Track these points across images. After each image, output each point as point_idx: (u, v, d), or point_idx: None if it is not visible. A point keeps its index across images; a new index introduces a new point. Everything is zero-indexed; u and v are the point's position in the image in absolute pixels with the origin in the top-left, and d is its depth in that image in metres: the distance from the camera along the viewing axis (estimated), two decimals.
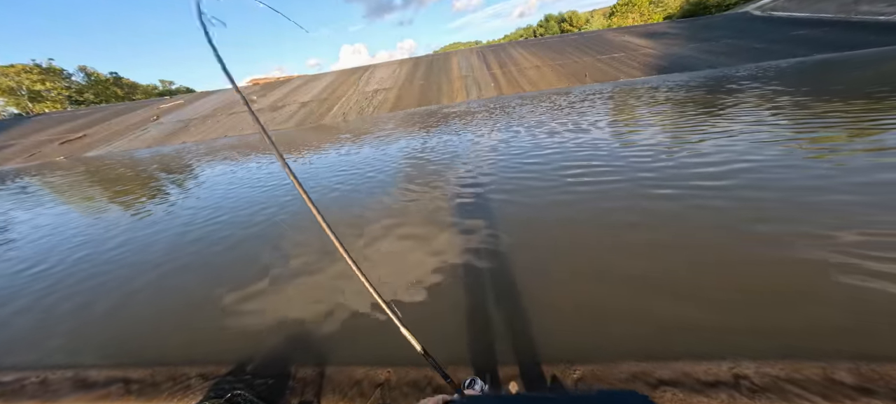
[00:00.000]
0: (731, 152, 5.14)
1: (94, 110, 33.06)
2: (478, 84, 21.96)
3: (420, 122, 13.41)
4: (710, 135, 6.20)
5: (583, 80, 18.95)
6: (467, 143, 8.50)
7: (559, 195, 4.51)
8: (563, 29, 70.71)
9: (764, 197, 3.71)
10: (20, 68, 46.57)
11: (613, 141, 6.77)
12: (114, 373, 2.48)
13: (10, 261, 4.86)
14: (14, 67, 46.28)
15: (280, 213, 5.30)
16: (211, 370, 2.33)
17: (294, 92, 27.88)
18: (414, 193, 5.38)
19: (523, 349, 2.21)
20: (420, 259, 3.42)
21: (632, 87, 14.65)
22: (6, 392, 2.45)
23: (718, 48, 20.68)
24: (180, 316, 3.05)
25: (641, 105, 10.25)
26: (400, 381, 2.06)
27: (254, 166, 9.56)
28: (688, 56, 20.17)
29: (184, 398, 2.16)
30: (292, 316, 2.78)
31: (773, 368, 1.84)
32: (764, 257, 2.75)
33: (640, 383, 1.90)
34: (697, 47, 21.68)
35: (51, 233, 5.85)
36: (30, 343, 2.96)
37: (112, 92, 55.59)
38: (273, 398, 2.05)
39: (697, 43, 22.70)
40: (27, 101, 47.27)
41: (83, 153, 19.11)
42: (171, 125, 23.21)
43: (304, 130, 16.80)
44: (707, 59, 18.91)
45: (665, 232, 3.32)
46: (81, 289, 3.73)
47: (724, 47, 20.66)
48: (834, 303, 2.22)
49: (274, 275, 3.48)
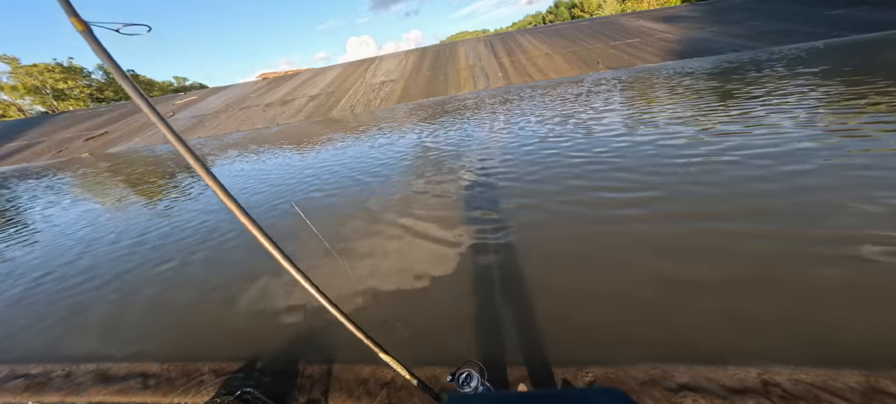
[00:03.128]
0: (755, 143, 4.90)
1: (115, 107, 34.02)
2: (485, 73, 21.61)
3: (426, 115, 13.31)
4: (739, 123, 5.91)
5: (595, 66, 18.40)
6: (473, 136, 8.37)
7: (571, 191, 4.39)
8: (574, 15, 68.69)
9: (813, 193, 3.49)
10: (43, 67, 48.20)
11: (628, 131, 6.53)
12: (133, 368, 2.54)
13: (48, 254, 5.04)
14: (37, 66, 47.93)
15: (292, 203, 5.34)
16: (222, 366, 2.36)
17: (302, 85, 28.04)
18: (420, 187, 5.33)
19: (532, 349, 2.14)
20: (427, 253, 3.38)
21: (648, 73, 14.13)
22: (33, 384, 2.53)
23: (743, 31, 19.59)
24: (195, 312, 3.10)
25: (659, 91, 9.89)
26: (406, 381, 2.02)
27: (263, 160, 9.66)
28: (709, 39, 19.25)
29: (197, 394, 2.19)
30: (302, 313, 2.79)
31: (807, 375, 1.73)
32: (802, 255, 2.60)
33: (657, 387, 1.82)
34: (720, 30, 20.66)
35: (77, 227, 6.06)
36: (57, 336, 3.05)
37: None
38: (282, 395, 2.05)
39: (720, 26, 21.65)
40: (52, 100, 49.04)
41: (106, 149, 19.72)
42: (187, 121, 23.69)
43: (313, 123, 16.89)
44: (730, 42, 17.95)
45: (686, 228, 3.18)
46: (100, 287, 3.84)
47: (748, 30, 19.57)
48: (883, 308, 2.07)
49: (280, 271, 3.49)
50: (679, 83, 10.81)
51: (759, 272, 2.45)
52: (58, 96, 49.49)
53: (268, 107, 23.33)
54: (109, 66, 0.79)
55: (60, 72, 49.60)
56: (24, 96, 47.73)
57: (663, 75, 12.93)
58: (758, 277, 2.41)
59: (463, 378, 1.36)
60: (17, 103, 48.00)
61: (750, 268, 2.50)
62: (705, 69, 12.77)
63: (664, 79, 12.10)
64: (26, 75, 47.16)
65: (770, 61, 12.19)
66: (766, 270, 2.46)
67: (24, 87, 47.14)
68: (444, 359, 2.15)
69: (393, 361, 1.54)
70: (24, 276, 4.37)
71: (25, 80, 47.12)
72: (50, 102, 48.85)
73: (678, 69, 13.92)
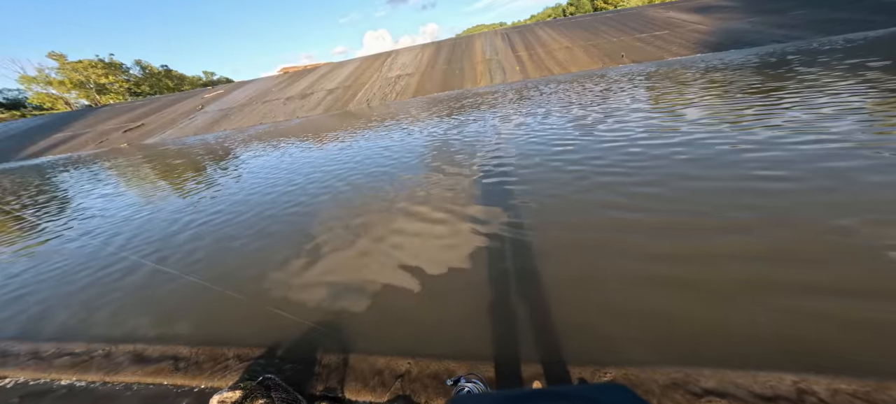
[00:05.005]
0: (803, 145, 4.55)
1: (150, 101, 35.79)
2: (502, 67, 21.13)
3: (441, 109, 13.21)
4: (781, 120, 5.47)
5: (619, 60, 17.55)
6: (486, 130, 8.24)
7: (589, 189, 4.25)
8: (597, 7, 65.18)
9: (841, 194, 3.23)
10: (87, 63, 51.28)
11: (654, 129, 6.22)
12: (166, 350, 2.68)
13: (104, 237, 5.41)
14: (82, 63, 51.05)
15: (307, 198, 5.46)
16: (246, 352, 2.45)
17: (321, 79, 28.46)
18: (433, 180, 5.32)
19: (549, 347, 2.10)
20: (441, 246, 3.37)
21: (678, 67, 13.29)
22: (78, 362, 2.73)
23: (787, 20, 17.98)
24: (222, 298, 3.23)
25: (689, 86, 9.33)
26: (420, 373, 2.05)
27: (282, 154, 9.90)
28: (747, 31, 17.79)
29: (223, 377, 2.29)
30: (318, 303, 2.85)
31: (848, 385, 1.60)
32: (840, 255, 2.40)
33: (680, 391, 1.74)
34: (760, 20, 19.06)
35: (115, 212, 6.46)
36: (94, 318, 3.27)
37: (164, 83, 60.22)
38: (300, 382, 2.11)
39: (760, 15, 19.98)
40: (95, 94, 52.17)
41: (142, 140, 20.84)
42: (214, 114, 24.61)
43: (331, 116, 17.15)
44: (772, 33, 16.48)
45: (716, 231, 3.01)
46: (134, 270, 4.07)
47: (793, 19, 17.92)
48: None
49: (300, 262, 3.58)
50: (715, 77, 10.17)
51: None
52: (100, 90, 52.58)
53: (288, 100, 23.86)
54: None
55: (102, 67, 52.60)
56: (71, 90, 51.06)
57: (696, 68, 12.11)
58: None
59: (463, 393, 1.31)
60: (64, 97, 51.37)
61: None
62: (748, 63, 11.74)
63: (697, 72, 11.35)
64: (72, 71, 50.34)
65: (821, 53, 11.01)
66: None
67: (71, 82, 50.41)
68: (460, 353, 2.15)
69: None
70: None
71: (72, 75, 50.33)
72: (93, 96, 51.99)
73: (713, 62, 13.00)
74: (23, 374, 2.58)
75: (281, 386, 2.05)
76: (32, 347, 2.90)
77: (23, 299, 3.81)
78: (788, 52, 12.39)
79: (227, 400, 1.97)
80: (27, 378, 2.55)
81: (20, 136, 27.57)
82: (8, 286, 4.18)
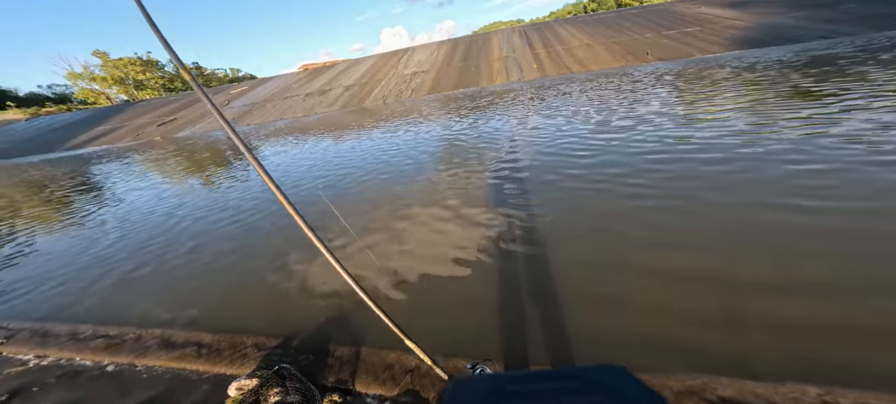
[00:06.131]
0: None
1: (182, 96, 37.39)
2: (519, 65, 20.75)
3: (455, 106, 13.13)
4: (840, 128, 4.75)
5: (644, 58, 16.79)
6: (500, 129, 8.13)
7: (608, 200, 4.13)
8: (621, 3, 62.40)
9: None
10: (126, 61, 54.30)
11: (678, 133, 5.96)
12: (190, 337, 2.82)
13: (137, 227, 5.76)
14: (122, 60, 54.12)
15: (321, 188, 5.58)
16: (263, 341, 2.55)
17: (338, 76, 28.90)
18: (445, 177, 5.32)
19: (557, 346, 2.08)
20: (454, 242, 3.37)
21: (709, 65, 12.48)
22: (111, 344, 2.91)
23: (836, 15, 16.37)
24: (241, 288, 3.36)
25: (721, 86, 8.76)
26: (430, 369, 2.06)
27: (299, 150, 10.14)
28: (790, 26, 16.43)
29: (241, 365, 2.39)
30: (330, 296, 2.93)
31: (878, 400, 1.50)
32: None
33: (695, 398, 1.68)
34: (805, 15, 17.59)
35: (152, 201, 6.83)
36: (135, 303, 3.48)
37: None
38: (314, 373, 2.18)
39: (805, 10, 18.46)
40: (133, 89, 55.17)
41: (174, 134, 21.87)
42: (239, 109, 25.48)
43: (348, 113, 17.44)
44: (819, 28, 15.11)
45: (741, 238, 2.87)
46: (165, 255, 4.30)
47: (843, 14, 16.34)
48: None
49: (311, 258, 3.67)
50: (752, 77, 9.50)
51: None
52: (138, 86, 55.55)
53: (307, 96, 24.39)
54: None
55: (140, 64, 55.52)
56: (112, 86, 54.23)
57: (731, 67, 11.25)
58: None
59: (477, 373, 1.35)
60: (105, 92, 54.59)
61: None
62: (792, 60, 10.71)
63: (731, 71, 10.61)
64: (114, 68, 53.48)
65: (881, 49, 9.82)
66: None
67: (112, 78, 53.55)
68: (468, 350, 2.15)
69: (417, 348, 1.57)
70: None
71: (113, 71, 53.49)
72: (131, 92, 54.98)
73: (749, 60, 12.07)
74: (61, 354, 2.78)
75: (295, 376, 2.12)
76: (71, 328, 3.11)
77: (70, 279, 4.10)
78: (839, 49, 11.26)
79: (245, 387, 2.06)
80: (65, 357, 2.75)
81: (65, 129, 29.47)
82: (57, 266, 4.49)
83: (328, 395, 2.00)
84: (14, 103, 52.40)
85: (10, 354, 2.88)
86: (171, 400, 2.15)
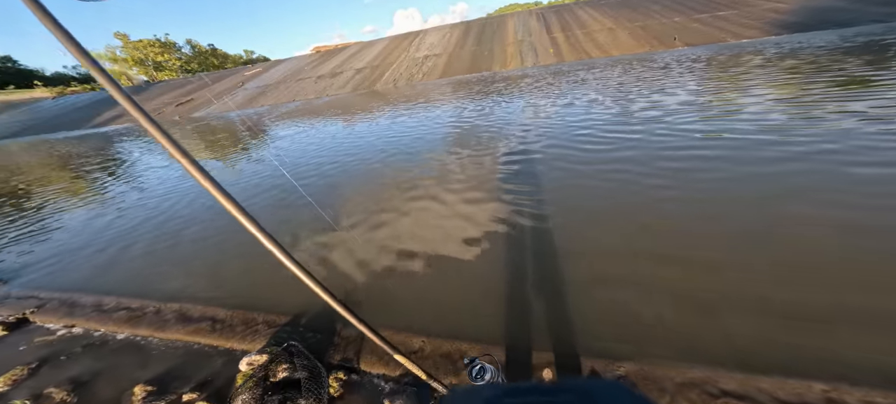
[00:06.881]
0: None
1: (198, 78, 37.96)
2: (534, 49, 20.13)
3: (467, 91, 12.89)
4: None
5: (670, 43, 15.95)
6: (510, 115, 7.96)
7: (622, 194, 4.03)
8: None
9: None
10: (146, 43, 55.35)
11: (705, 127, 5.71)
12: (206, 311, 2.94)
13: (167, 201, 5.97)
14: (142, 42, 55.17)
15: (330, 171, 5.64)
16: (273, 318, 2.64)
17: (350, 58, 28.75)
18: (452, 162, 5.28)
19: (563, 334, 2.08)
20: (461, 228, 3.38)
21: (745, 50, 11.51)
22: (133, 316, 3.06)
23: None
24: (253, 266, 3.46)
25: (756, 75, 8.15)
26: (433, 352, 2.11)
27: (308, 132, 10.20)
28: (840, 8, 15.09)
29: (253, 341, 2.49)
30: (338, 276, 2.99)
31: (885, 399, 1.46)
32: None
33: (697, 390, 1.67)
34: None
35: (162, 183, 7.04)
36: (153, 277, 3.64)
37: (210, 62, 63.82)
38: (320, 351, 2.25)
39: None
40: (152, 70, 56.31)
41: (191, 113, 22.31)
42: (253, 91, 25.74)
43: (359, 95, 17.40)
44: (873, 11, 13.83)
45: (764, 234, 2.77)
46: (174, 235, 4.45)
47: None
48: None
49: (320, 238, 3.74)
50: (795, 64, 8.92)
51: None
52: (157, 67, 56.69)
53: (319, 79, 24.40)
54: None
55: (159, 46, 56.47)
56: (132, 67, 55.46)
57: (770, 53, 10.33)
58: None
59: (476, 371, 1.37)
60: (126, 73, 55.90)
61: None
62: (845, 46, 9.63)
63: (770, 57, 9.83)
64: (134, 49, 54.59)
65: None
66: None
67: (133, 59, 54.75)
68: (473, 336, 2.18)
69: (407, 361, 1.59)
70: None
71: (133, 53, 54.63)
72: (151, 72, 56.12)
73: (792, 46, 11.02)
74: (87, 325, 2.95)
75: (303, 353, 2.20)
76: (96, 300, 3.28)
77: (97, 252, 4.31)
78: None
79: (255, 362, 2.14)
80: (90, 328, 2.91)
81: (89, 108, 30.42)
82: (84, 239, 4.72)
83: (334, 373, 2.07)
84: (41, 82, 54.28)
85: (40, 323, 3.07)
86: (187, 373, 2.26)
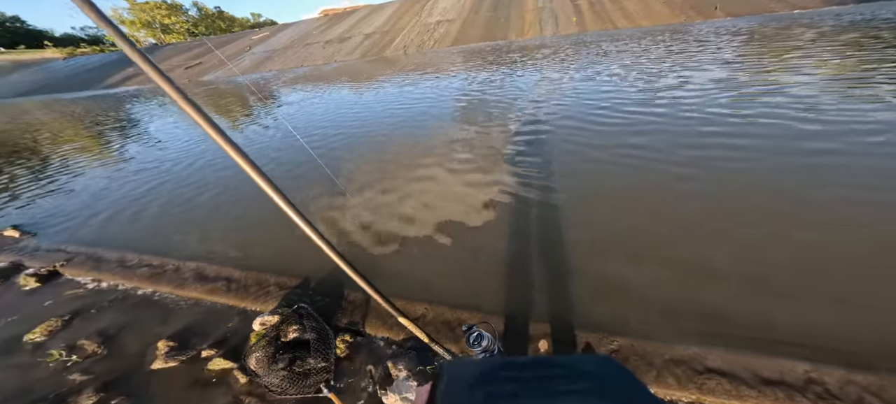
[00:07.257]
0: None
1: (205, 41, 37.45)
2: (555, 17, 19.21)
3: (479, 61, 12.51)
4: None
5: (710, 13, 14.68)
6: (522, 89, 7.77)
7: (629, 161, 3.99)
8: None
9: None
10: (153, 5, 54.55)
11: (743, 110, 5.42)
12: (222, 271, 3.10)
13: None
14: (148, 3, 54.35)
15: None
16: (284, 281, 2.78)
17: (359, 23, 27.96)
18: (459, 135, 5.26)
19: (561, 308, 2.18)
20: (469, 203, 3.43)
21: (798, 22, 9.98)
22: (154, 273, 3.24)
23: None
24: (265, 227, 3.59)
25: (812, 49, 7.30)
26: (435, 318, 2.23)
27: (324, 94, 10.14)
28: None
29: (265, 302, 2.64)
30: (346, 242, 3.11)
31: (864, 379, 1.54)
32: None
33: (683, 367, 1.76)
34: None
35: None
36: (172, 235, 3.81)
37: (217, 25, 62.76)
38: (328, 314, 2.39)
39: None
40: (160, 33, 55.68)
41: (199, 77, 22.25)
42: (260, 55, 25.41)
43: (367, 62, 17.09)
44: None
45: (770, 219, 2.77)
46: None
47: None
48: None
49: (332, 201, 3.84)
50: (862, 39, 7.72)
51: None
52: (164, 30, 56.00)
53: (327, 44, 23.93)
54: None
55: (166, 8, 55.57)
56: (140, 29, 54.88)
57: (828, 25, 8.86)
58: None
59: (474, 337, 1.44)
60: (134, 35, 55.44)
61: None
62: None
63: (830, 30, 8.48)
64: (140, 11, 53.83)
65: None
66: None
67: (140, 22, 54.10)
68: (473, 305, 2.29)
69: (411, 324, 1.69)
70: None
71: (140, 15, 53.89)
72: (158, 35, 55.53)
73: (854, 17, 9.58)
74: (113, 280, 3.13)
75: (312, 315, 2.33)
76: (120, 256, 3.47)
77: (120, 209, 4.50)
78: None
79: (267, 322, 2.29)
80: (116, 283, 3.10)
81: (99, 69, 30.49)
82: (107, 196, 4.90)
83: (341, 335, 2.20)
84: (51, 43, 54.18)
85: (70, 276, 3.27)
86: (205, 330, 2.43)
